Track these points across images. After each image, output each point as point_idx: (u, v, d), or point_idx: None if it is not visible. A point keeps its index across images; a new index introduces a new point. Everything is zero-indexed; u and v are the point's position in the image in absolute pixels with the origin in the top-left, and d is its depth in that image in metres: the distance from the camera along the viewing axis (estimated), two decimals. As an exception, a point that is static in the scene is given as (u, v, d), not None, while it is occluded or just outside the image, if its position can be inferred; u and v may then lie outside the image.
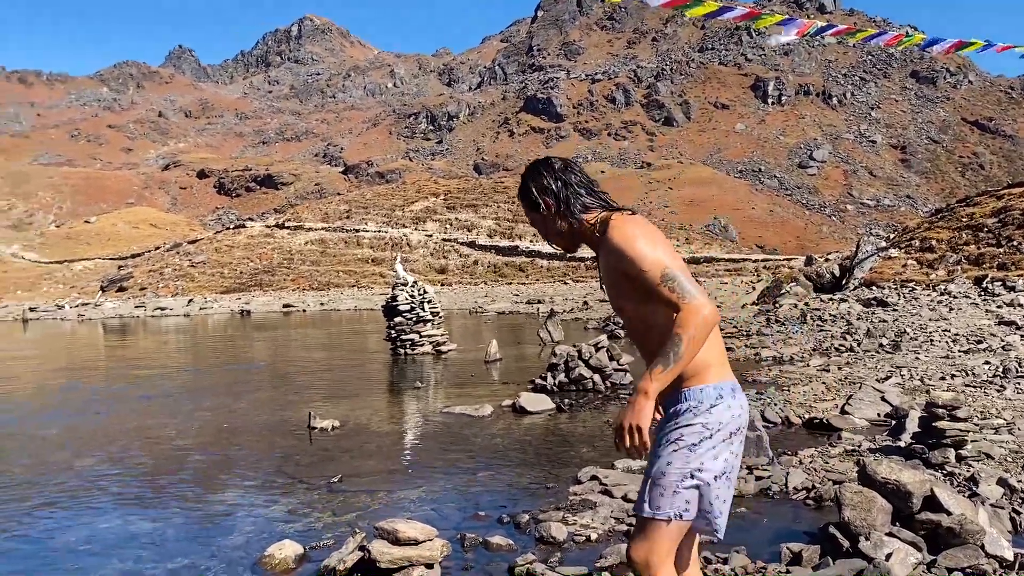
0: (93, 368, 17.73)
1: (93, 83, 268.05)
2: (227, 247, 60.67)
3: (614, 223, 2.42)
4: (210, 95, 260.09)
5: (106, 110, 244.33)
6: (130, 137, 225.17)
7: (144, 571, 4.53)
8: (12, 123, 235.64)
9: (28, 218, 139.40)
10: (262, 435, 8.48)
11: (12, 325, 38.12)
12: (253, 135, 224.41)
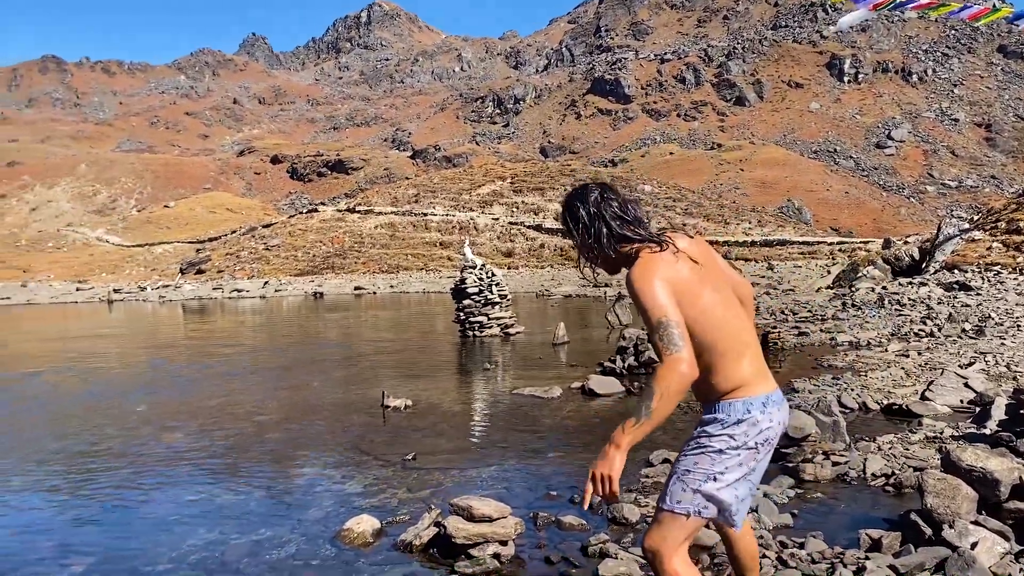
0: (176, 347, 18.41)
1: (171, 71, 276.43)
2: (300, 231, 62.01)
3: (640, 259, 2.50)
4: (282, 82, 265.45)
5: (184, 97, 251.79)
6: (206, 124, 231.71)
7: (229, 541, 4.72)
8: (97, 111, 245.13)
9: (112, 203, 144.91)
10: (337, 413, 8.70)
11: (99, 306, 39.79)
12: (324, 121, 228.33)
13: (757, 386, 2.54)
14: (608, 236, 2.58)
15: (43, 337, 23.21)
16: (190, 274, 60.21)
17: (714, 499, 2.51)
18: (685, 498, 2.52)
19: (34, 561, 4.56)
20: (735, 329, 2.55)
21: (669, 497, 2.55)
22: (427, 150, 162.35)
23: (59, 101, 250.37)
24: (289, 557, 4.40)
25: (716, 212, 61.58)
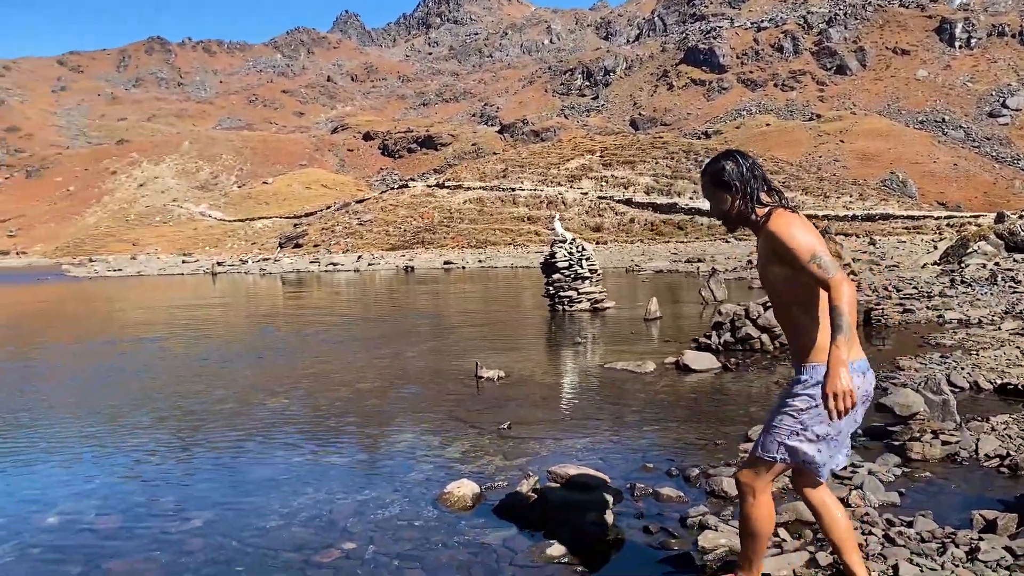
0: (278, 316, 19.11)
1: (268, 50, 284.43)
2: (392, 206, 63.11)
3: (778, 214, 2.86)
4: (374, 59, 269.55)
5: (280, 76, 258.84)
6: (301, 101, 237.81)
7: (335, 500, 4.92)
8: (199, 90, 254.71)
9: (213, 179, 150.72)
10: (433, 382, 8.89)
11: (203, 278, 41.63)
12: (414, 97, 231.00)
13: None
14: (756, 195, 2.93)
15: (156, 306, 24.46)
16: (288, 248, 62.22)
17: (796, 451, 2.90)
18: (772, 447, 2.94)
19: (158, 514, 4.86)
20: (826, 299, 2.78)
21: (761, 446, 2.98)
22: (515, 125, 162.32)
23: (164, 81, 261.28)
24: (393, 517, 4.56)
25: (815, 185, 59.52)
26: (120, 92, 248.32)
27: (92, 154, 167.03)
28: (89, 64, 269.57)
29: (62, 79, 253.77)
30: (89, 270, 58.51)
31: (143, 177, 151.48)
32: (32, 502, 5.24)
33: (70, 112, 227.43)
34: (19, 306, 27.86)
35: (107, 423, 7.68)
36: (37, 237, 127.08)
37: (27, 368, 11.81)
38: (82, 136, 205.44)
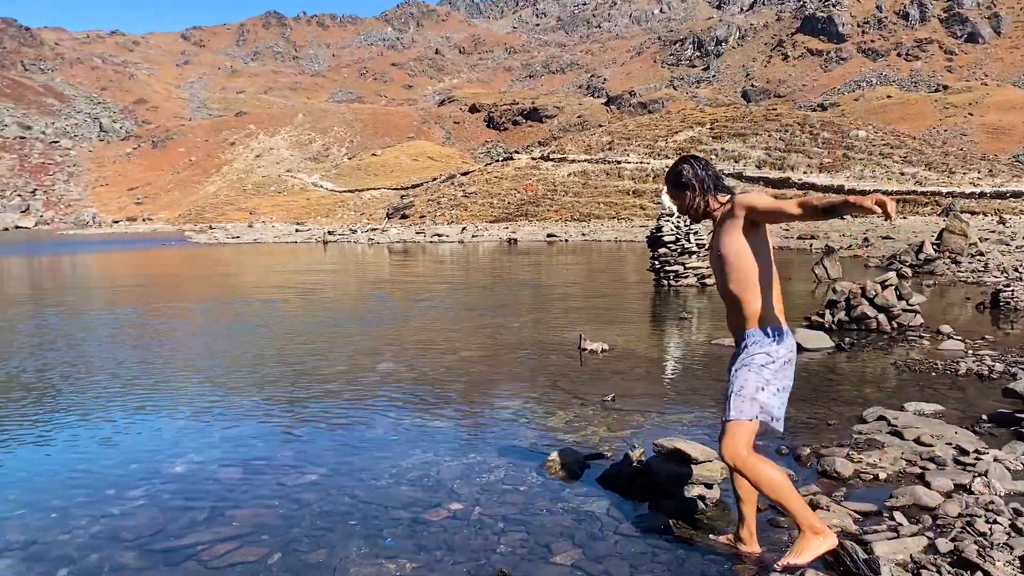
0: (385, 284, 19.62)
1: (379, 23, 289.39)
2: (496, 178, 63.47)
3: (738, 196, 3.32)
4: (482, 31, 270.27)
5: (390, 49, 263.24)
6: (410, 74, 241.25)
7: (442, 462, 5.04)
8: (312, 63, 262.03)
9: (325, 151, 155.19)
10: (537, 352, 8.95)
11: (315, 246, 43.08)
12: (520, 69, 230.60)
13: (779, 317, 3.34)
14: (714, 188, 3.44)
15: (272, 272, 25.54)
16: (395, 219, 63.61)
17: (765, 405, 3.25)
18: (744, 407, 3.24)
19: (277, 467, 5.11)
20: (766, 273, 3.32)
21: (732, 411, 3.27)
22: (622, 96, 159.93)
23: (279, 54, 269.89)
24: (498, 481, 4.64)
25: (940, 160, 56.24)
26: (239, 66, 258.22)
27: (213, 125, 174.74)
28: (210, 39, 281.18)
29: (185, 53, 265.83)
30: (209, 237, 61.51)
31: (259, 148, 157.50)
32: (161, 451, 5.59)
33: (192, 85, 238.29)
34: (148, 267, 29.62)
35: (227, 380, 8.10)
36: (162, 204, 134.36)
37: (156, 325, 12.56)
38: (203, 108, 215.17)
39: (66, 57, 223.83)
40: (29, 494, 4.73)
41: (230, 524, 4.14)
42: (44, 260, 37.36)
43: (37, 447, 5.87)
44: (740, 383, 3.25)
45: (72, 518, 4.29)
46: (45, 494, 4.72)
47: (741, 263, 3.28)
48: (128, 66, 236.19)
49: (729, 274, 3.33)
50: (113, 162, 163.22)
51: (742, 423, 3.23)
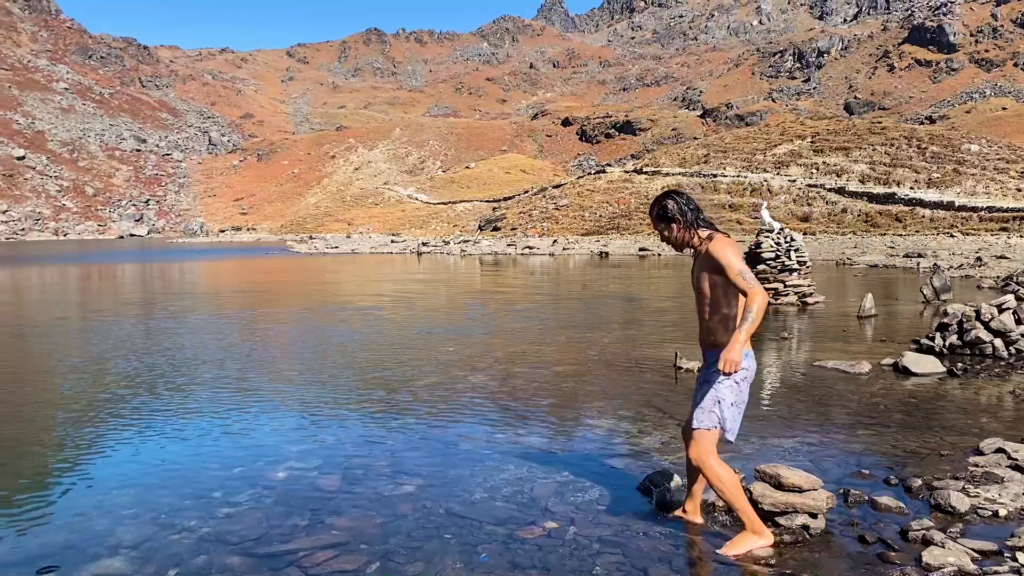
0: (477, 295, 19.79)
1: (475, 39, 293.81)
2: (588, 191, 63.25)
3: (718, 238, 3.77)
4: (576, 44, 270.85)
5: (485, 64, 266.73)
6: (504, 89, 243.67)
7: (536, 479, 5.02)
8: (410, 79, 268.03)
9: (420, 164, 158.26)
10: (630, 369, 8.84)
11: (409, 257, 43.90)
12: (614, 82, 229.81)
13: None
14: (696, 222, 3.86)
15: (369, 281, 26.13)
16: (487, 231, 64.20)
17: (725, 418, 3.81)
18: (705, 418, 3.82)
19: (374, 477, 5.19)
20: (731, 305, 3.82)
21: (696, 421, 3.86)
22: (718, 109, 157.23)
23: (379, 70, 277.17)
24: (592, 501, 4.59)
25: (1059, 176, 52.92)
26: (340, 81, 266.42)
27: (314, 139, 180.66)
28: (314, 55, 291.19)
29: (290, 70, 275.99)
30: (309, 246, 63.49)
31: (358, 161, 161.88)
32: (263, 456, 5.77)
33: (296, 100, 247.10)
34: (251, 275, 30.79)
35: (324, 387, 8.31)
36: (265, 215, 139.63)
37: (258, 331, 13.02)
38: (306, 123, 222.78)
39: (179, 74, 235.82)
40: (141, 493, 4.95)
41: (330, 532, 4.23)
42: (155, 267, 39.33)
43: (147, 447, 6.15)
44: (702, 396, 3.86)
45: (181, 519, 4.46)
46: (156, 494, 4.93)
47: (711, 296, 3.81)
48: (236, 82, 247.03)
49: (704, 303, 3.87)
50: (220, 174, 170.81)
51: (705, 432, 3.81)
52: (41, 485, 5.31)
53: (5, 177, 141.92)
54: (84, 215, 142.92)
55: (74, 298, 23.05)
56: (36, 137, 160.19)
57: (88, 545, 4.13)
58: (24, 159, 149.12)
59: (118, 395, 8.08)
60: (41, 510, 4.74)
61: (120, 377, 9.03)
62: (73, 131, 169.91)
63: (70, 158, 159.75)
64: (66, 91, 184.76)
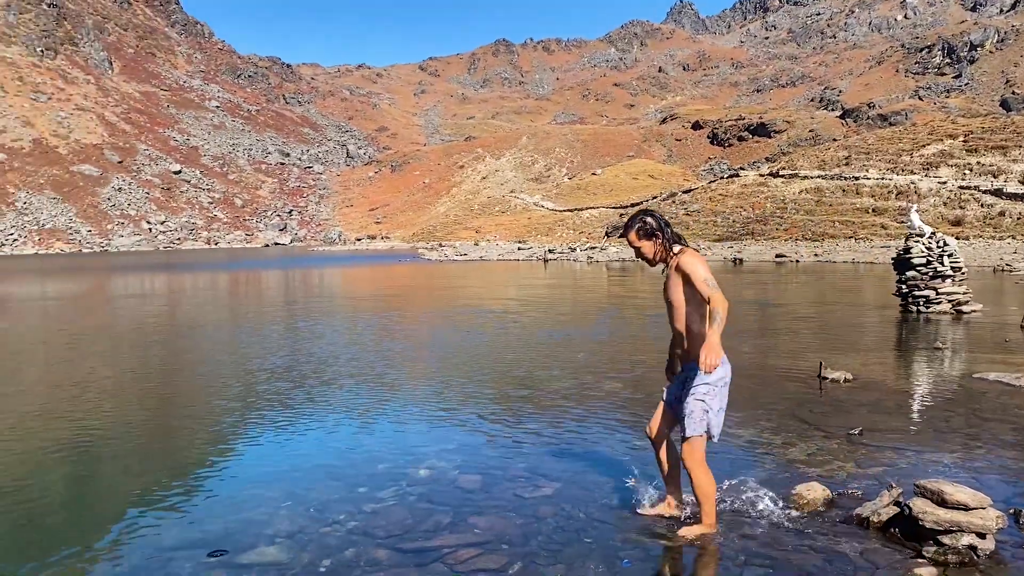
0: (605, 301, 19.68)
1: (603, 45, 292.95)
2: (720, 196, 61.65)
3: (688, 252, 4.06)
4: (707, 47, 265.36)
5: (613, 69, 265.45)
6: (632, 94, 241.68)
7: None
8: (537, 88, 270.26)
9: (547, 172, 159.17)
10: (771, 379, 8.55)
11: (535, 264, 44.19)
12: (747, 84, 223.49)
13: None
14: (671, 239, 4.11)
15: (497, 286, 26.49)
16: (614, 237, 63.75)
17: (711, 423, 4.07)
18: (698, 426, 4.04)
19: (512, 478, 5.25)
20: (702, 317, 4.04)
21: (688, 429, 4.06)
22: (859, 109, 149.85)
23: (507, 80, 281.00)
24: (737, 512, 4.47)
25: None
26: (470, 92, 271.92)
27: (444, 150, 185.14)
28: (444, 68, 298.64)
29: (422, 83, 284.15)
30: (439, 254, 65.08)
31: (486, 170, 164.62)
32: (406, 454, 5.94)
33: (427, 112, 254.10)
34: (387, 280, 31.86)
35: (461, 387, 8.46)
36: (398, 224, 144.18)
37: (395, 332, 13.44)
38: (437, 134, 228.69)
39: (320, 90, 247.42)
40: (293, 486, 5.20)
41: (472, 531, 4.30)
42: (298, 273, 41.36)
43: (296, 442, 6.46)
44: (691, 408, 4.04)
45: (330, 512, 4.65)
46: (306, 488, 5.16)
47: (684, 309, 4.05)
48: (372, 96, 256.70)
49: (676, 316, 4.11)
50: (357, 185, 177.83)
51: (698, 439, 4.03)
52: (201, 476, 5.68)
53: (163, 190, 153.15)
54: (233, 225, 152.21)
55: (227, 301, 24.56)
56: (191, 152, 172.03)
57: (248, 533, 4.37)
58: (180, 173, 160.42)
59: (268, 391, 8.53)
60: (204, 500, 5.07)
61: (269, 374, 9.54)
62: (224, 146, 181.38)
63: (221, 172, 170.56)
64: (217, 109, 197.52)
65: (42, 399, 8.74)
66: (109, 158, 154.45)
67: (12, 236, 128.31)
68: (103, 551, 4.24)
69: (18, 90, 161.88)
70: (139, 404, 8.40)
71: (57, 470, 5.93)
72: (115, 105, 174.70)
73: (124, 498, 5.24)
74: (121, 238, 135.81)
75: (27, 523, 4.79)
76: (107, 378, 10.01)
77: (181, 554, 4.12)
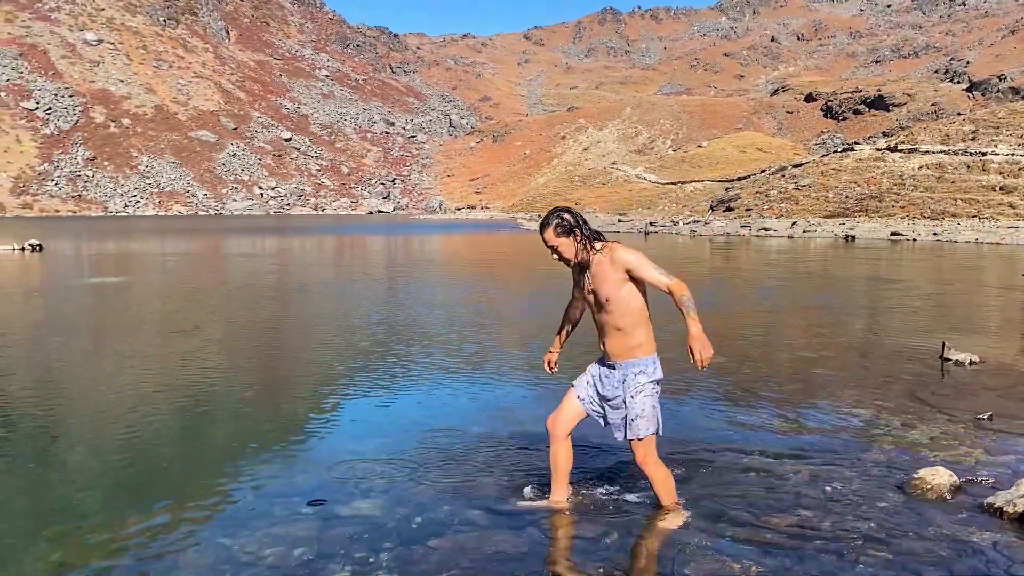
0: (709, 274, 19.16)
1: (713, 14, 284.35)
2: (833, 171, 58.98)
3: (616, 246, 3.80)
4: (823, 15, 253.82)
5: (723, 39, 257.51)
6: (742, 64, 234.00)
7: (784, 465, 4.67)
8: (644, 57, 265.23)
9: (650, 143, 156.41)
10: (888, 358, 8.06)
11: (636, 237, 43.49)
12: (865, 54, 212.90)
13: (653, 345, 3.93)
14: (591, 236, 3.84)
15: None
16: (719, 211, 62.14)
17: (658, 421, 3.88)
18: (649, 426, 3.83)
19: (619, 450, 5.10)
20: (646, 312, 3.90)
21: (641, 431, 3.82)
22: (988, 81, 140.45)
23: (612, 50, 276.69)
24: (851, 493, 4.19)
25: None
26: (574, 63, 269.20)
27: (546, 120, 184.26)
28: (549, 37, 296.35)
29: (526, 52, 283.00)
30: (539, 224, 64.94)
31: (588, 142, 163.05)
32: (502, 419, 5.86)
33: (531, 83, 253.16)
34: (486, 248, 32.03)
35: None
36: (497, 194, 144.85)
37: (493, 298, 13.43)
38: (539, 104, 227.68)
39: (425, 59, 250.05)
40: (389, 443, 5.21)
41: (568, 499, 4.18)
42: (399, 239, 42.08)
43: (394, 400, 6.48)
44: (641, 407, 3.80)
45: (425, 470, 4.63)
46: (403, 445, 5.15)
47: (631, 304, 3.79)
48: (476, 66, 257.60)
49: (615, 312, 3.79)
50: (459, 155, 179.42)
51: (652, 437, 3.85)
52: (302, 429, 5.78)
53: (275, 157, 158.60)
54: (339, 192, 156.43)
55: (333, 263, 25.21)
56: (301, 120, 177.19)
57: (346, 486, 4.40)
58: (291, 141, 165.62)
59: (368, 349, 8.64)
60: (303, 452, 5.14)
61: (370, 332, 9.66)
62: (332, 115, 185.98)
63: (328, 140, 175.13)
64: (327, 78, 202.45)
65: (159, 349, 9.11)
66: (225, 125, 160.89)
67: (135, 198, 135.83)
68: (209, 495, 4.34)
69: (142, 58, 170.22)
70: (247, 357, 8.66)
71: (169, 417, 6.15)
72: (231, 73, 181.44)
73: (230, 446, 5.39)
74: (234, 202, 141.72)
75: (139, 467, 4.97)
76: (219, 332, 10.37)
77: (281, 501, 4.17)
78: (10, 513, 4.13)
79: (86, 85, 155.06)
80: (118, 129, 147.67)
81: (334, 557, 3.49)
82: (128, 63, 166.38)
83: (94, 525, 3.90)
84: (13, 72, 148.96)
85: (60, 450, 5.25)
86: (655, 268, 3.72)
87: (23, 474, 4.76)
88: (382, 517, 3.93)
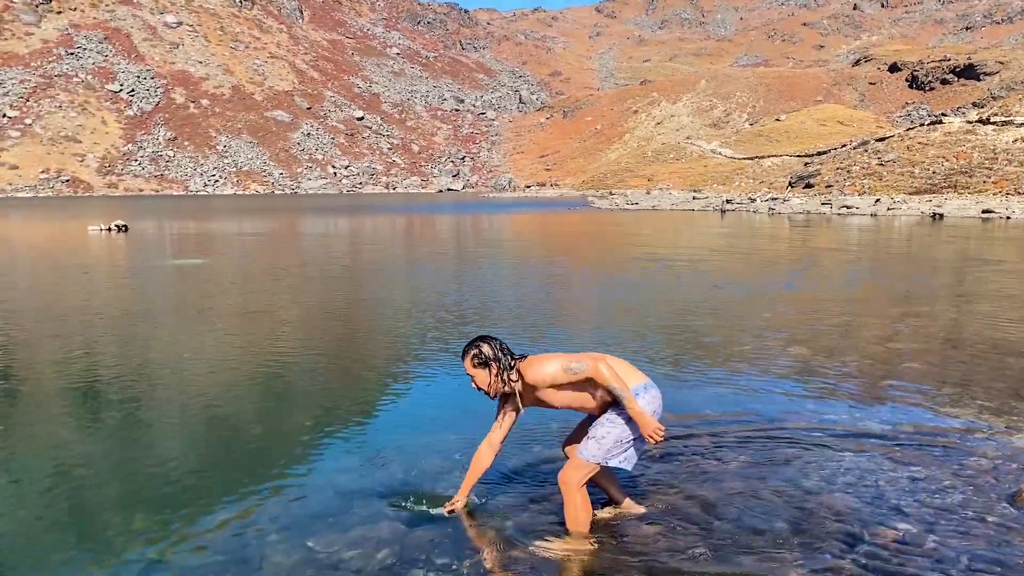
0: (789, 257, 18.58)
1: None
2: (919, 145, 56.54)
3: (526, 371, 3.67)
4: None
5: (802, 8, 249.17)
6: (823, 34, 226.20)
7: (880, 471, 4.46)
8: (719, 28, 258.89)
9: (725, 117, 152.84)
10: (990, 353, 7.61)
11: (711, 215, 42.60)
12: (955, 21, 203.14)
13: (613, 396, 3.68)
14: (509, 365, 3.70)
15: (671, 236, 25.75)
16: (798, 187, 60.37)
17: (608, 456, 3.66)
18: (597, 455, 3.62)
19: (693, 447, 4.94)
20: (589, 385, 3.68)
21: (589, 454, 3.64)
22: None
23: (687, 21, 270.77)
24: (955, 506, 3.95)
25: None
26: (647, 35, 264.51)
27: (618, 95, 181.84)
28: (622, 10, 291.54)
29: (598, 25, 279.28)
30: (610, 202, 64.31)
31: (661, 116, 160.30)
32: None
33: (602, 56, 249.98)
34: (557, 227, 31.84)
35: (629, 340, 8.10)
36: (568, 171, 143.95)
37: (563, 280, 13.29)
38: (611, 78, 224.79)
39: (495, 35, 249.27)
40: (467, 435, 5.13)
41: (646, 498, 4.06)
42: (469, 218, 42.19)
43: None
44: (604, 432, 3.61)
45: (506, 468, 4.55)
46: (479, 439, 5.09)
47: (576, 394, 3.67)
48: (547, 41, 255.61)
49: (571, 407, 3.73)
50: (528, 131, 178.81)
51: (587, 463, 3.64)
52: (377, 417, 5.80)
53: (347, 136, 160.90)
54: (410, 170, 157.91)
55: (405, 242, 25.43)
56: (372, 99, 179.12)
57: (424, 480, 4.37)
58: (363, 119, 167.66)
59: (442, 332, 8.60)
60: (380, 442, 5.12)
61: (442, 315, 9.64)
62: (403, 93, 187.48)
63: (399, 118, 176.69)
64: (397, 56, 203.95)
65: (238, 328, 9.28)
66: (299, 104, 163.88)
67: (214, 177, 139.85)
68: (290, 489, 4.35)
69: (219, 39, 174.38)
70: (322, 338, 8.74)
71: (246, 398, 6.24)
72: (304, 53, 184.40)
73: (312, 436, 5.38)
74: (309, 181, 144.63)
75: (217, 445, 5.04)
76: (295, 312, 10.51)
77: (362, 499, 4.15)
78: (102, 505, 4.23)
79: (167, 67, 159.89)
80: (197, 110, 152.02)
81: (416, 563, 3.45)
82: (206, 44, 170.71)
83: (181, 520, 3.95)
84: (99, 55, 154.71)
85: (147, 435, 5.37)
86: (566, 367, 3.59)
87: (115, 461, 4.87)
88: (468, 522, 3.88)
